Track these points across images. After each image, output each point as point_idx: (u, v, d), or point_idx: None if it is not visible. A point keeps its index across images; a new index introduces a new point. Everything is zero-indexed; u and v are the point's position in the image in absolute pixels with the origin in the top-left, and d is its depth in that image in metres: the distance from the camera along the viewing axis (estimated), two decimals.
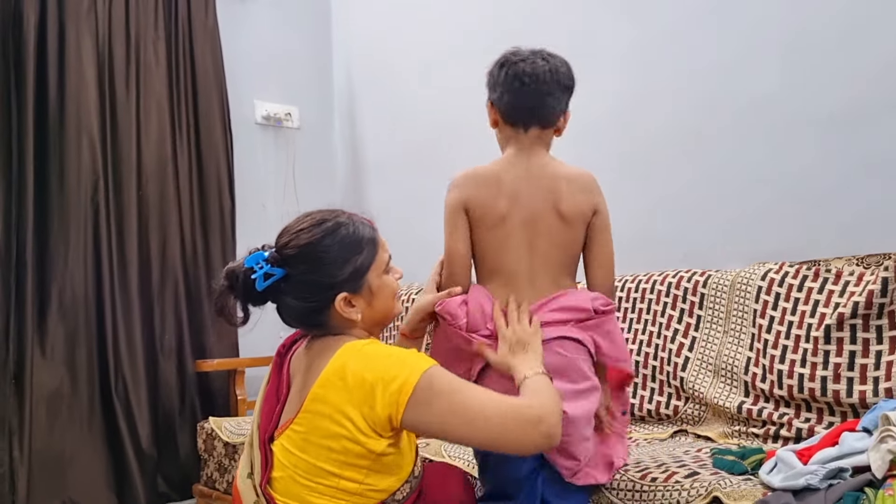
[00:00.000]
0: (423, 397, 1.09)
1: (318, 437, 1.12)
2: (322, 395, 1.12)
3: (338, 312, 1.19)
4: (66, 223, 2.66)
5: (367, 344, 1.17)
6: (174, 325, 2.92)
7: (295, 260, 1.18)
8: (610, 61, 2.46)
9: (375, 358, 1.13)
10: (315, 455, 1.12)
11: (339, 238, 1.19)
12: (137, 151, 2.87)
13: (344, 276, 1.18)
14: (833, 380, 1.66)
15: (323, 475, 1.12)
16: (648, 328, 2.11)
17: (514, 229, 1.45)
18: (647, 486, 1.43)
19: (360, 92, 3.52)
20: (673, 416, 2.00)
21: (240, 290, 1.19)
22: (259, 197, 3.32)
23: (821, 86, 1.97)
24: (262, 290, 1.17)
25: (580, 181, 1.48)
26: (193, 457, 2.79)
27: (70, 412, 2.63)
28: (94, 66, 2.76)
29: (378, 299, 1.23)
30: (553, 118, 1.48)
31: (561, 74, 1.47)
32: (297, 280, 1.18)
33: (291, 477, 1.14)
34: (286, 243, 1.20)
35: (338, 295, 1.18)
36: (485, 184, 1.47)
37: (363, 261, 1.20)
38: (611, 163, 2.45)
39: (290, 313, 1.22)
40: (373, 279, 1.22)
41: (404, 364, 1.11)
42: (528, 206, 1.44)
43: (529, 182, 1.45)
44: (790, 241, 2.01)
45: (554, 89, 1.45)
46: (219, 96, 3.11)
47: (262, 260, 1.17)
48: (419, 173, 3.16)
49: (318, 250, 1.18)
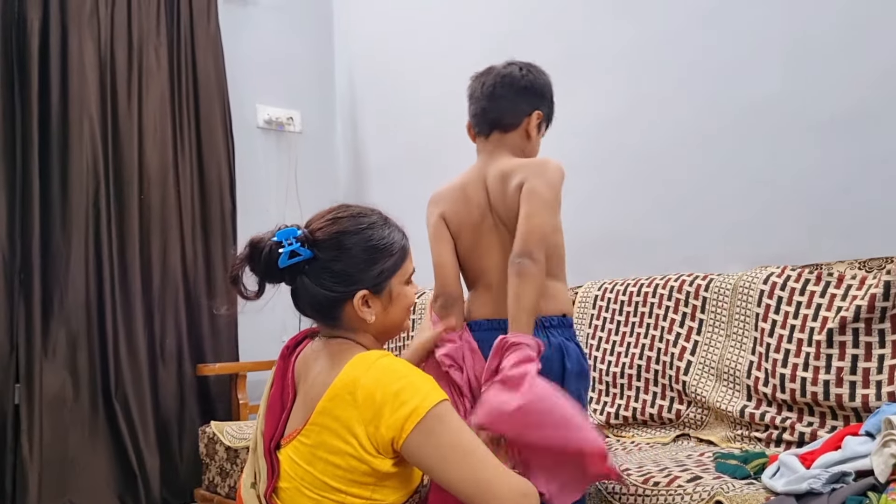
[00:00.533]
0: (429, 428, 1.06)
1: (324, 451, 1.10)
2: (330, 409, 1.09)
3: (353, 309, 1.17)
4: (68, 228, 2.67)
5: (380, 357, 1.13)
6: (175, 329, 2.92)
7: (326, 245, 1.16)
8: (610, 63, 2.46)
9: (389, 377, 1.09)
10: (321, 471, 1.10)
11: (375, 236, 1.18)
12: (139, 156, 2.88)
13: (370, 274, 1.17)
14: (836, 384, 1.66)
15: (329, 490, 1.10)
16: (650, 332, 2.11)
17: (485, 235, 1.48)
18: (650, 491, 1.43)
19: (362, 95, 3.53)
20: (675, 421, 2.00)
21: (261, 262, 1.15)
22: (261, 201, 3.32)
23: (823, 88, 1.97)
24: (283, 266, 1.14)
25: (512, 170, 1.43)
26: (195, 461, 2.79)
27: (72, 416, 2.63)
28: (96, 70, 2.77)
29: (394, 307, 1.22)
30: (510, 120, 1.50)
31: (516, 78, 1.50)
32: (322, 266, 1.15)
33: (298, 489, 1.11)
34: (319, 228, 1.18)
35: (358, 291, 1.16)
36: (455, 198, 1.52)
37: (391, 265, 1.19)
38: (611, 165, 2.45)
39: (307, 299, 1.18)
40: (395, 286, 1.21)
41: (418, 391, 1.08)
42: (482, 212, 1.48)
43: (477, 187, 1.49)
44: (792, 244, 2.00)
45: (507, 93, 1.50)
46: (220, 101, 3.12)
47: (293, 237, 1.15)
48: (421, 177, 3.16)
49: (352, 242, 1.16)
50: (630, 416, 2.08)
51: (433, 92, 3.11)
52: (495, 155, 1.51)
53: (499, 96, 1.50)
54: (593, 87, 2.46)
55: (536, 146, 1.56)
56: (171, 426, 2.88)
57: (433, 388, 1.11)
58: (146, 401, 2.78)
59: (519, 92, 1.50)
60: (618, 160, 2.43)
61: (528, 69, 1.53)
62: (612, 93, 2.45)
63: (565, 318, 1.48)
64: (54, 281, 2.63)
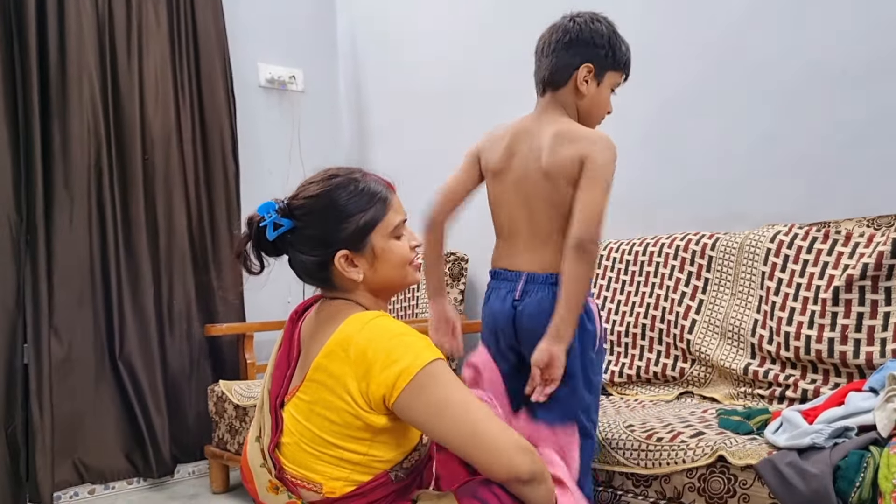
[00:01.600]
0: (420, 385, 1.06)
1: (321, 407, 1.11)
2: (325, 366, 1.11)
3: (340, 271, 1.17)
4: (70, 189, 2.65)
5: (375, 317, 1.13)
6: (181, 289, 2.93)
7: (301, 211, 1.17)
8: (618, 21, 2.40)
9: (381, 335, 1.10)
10: (319, 426, 1.11)
11: (347, 193, 1.17)
12: (141, 116, 2.85)
13: (346, 232, 1.16)
14: (840, 341, 1.66)
15: (327, 446, 1.12)
16: (655, 291, 2.11)
17: (508, 187, 1.47)
18: (653, 446, 1.44)
19: (365, 54, 3.47)
20: (679, 378, 2.01)
21: (253, 238, 1.19)
22: (263, 161, 3.30)
23: (831, 44, 1.93)
24: (272, 239, 1.17)
25: (570, 135, 1.41)
26: (203, 420, 2.83)
27: (78, 376, 2.66)
28: (94, 29, 2.73)
29: (382, 263, 1.19)
30: (558, 77, 1.46)
31: (564, 32, 1.45)
32: (301, 232, 1.17)
33: (298, 444, 1.14)
34: (296, 195, 1.20)
35: (338, 251, 1.16)
36: (495, 137, 1.51)
37: (368, 219, 1.17)
38: (617, 124, 2.41)
39: (299, 266, 1.21)
40: (377, 240, 1.18)
41: (409, 349, 1.08)
42: (521, 165, 1.45)
43: (527, 141, 1.46)
44: (800, 202, 1.99)
45: (555, 48, 1.45)
46: (221, 59, 3.07)
47: (273, 210, 1.17)
48: (425, 136, 3.14)
49: (323, 203, 1.16)
50: (634, 374, 2.10)
51: (437, 48, 3.06)
52: (548, 112, 1.47)
53: (548, 53, 1.46)
54: None
55: (597, 102, 1.48)
56: (179, 386, 2.91)
57: (426, 347, 1.10)
58: (154, 361, 2.80)
59: (565, 46, 1.44)
60: (624, 120, 2.39)
61: (576, 19, 1.46)
62: None
63: None
64: (59, 243, 2.63)
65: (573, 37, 1.44)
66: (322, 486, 1.12)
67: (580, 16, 1.47)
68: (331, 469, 1.12)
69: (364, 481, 1.13)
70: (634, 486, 1.47)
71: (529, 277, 1.44)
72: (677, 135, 2.28)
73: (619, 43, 1.48)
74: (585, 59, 1.44)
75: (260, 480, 1.18)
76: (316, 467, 1.12)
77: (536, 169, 1.42)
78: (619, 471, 1.49)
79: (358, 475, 1.12)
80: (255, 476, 1.19)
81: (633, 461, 1.46)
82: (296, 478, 1.14)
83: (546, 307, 1.39)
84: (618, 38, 1.48)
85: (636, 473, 1.46)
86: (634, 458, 1.46)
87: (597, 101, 1.48)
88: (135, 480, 2.76)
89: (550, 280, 1.42)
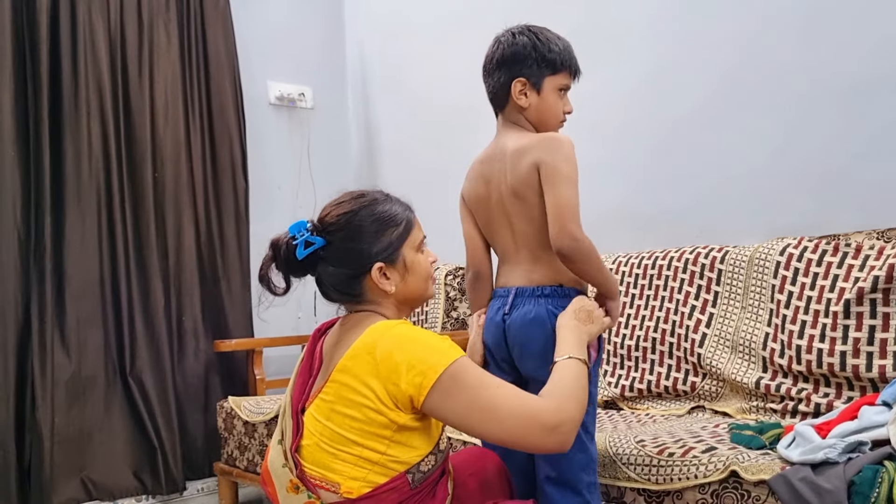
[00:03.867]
0: (446, 386, 1.12)
1: (342, 406, 1.15)
2: (349, 367, 1.16)
3: (373, 283, 1.24)
4: (81, 207, 2.68)
5: (398, 324, 1.20)
6: (190, 306, 2.94)
7: (334, 228, 1.24)
8: (628, 33, 2.43)
9: (406, 339, 1.16)
10: (339, 424, 1.15)
11: (377, 211, 1.25)
12: (151, 134, 2.88)
13: (381, 246, 1.24)
14: (852, 354, 1.65)
15: (346, 444, 1.15)
16: (665, 305, 2.10)
17: (493, 211, 1.51)
18: (665, 461, 1.43)
19: (374, 71, 3.50)
20: (690, 393, 2.00)
21: (282, 259, 1.24)
22: (273, 178, 3.32)
23: (840, 56, 1.93)
24: (302, 258, 1.22)
25: (523, 149, 1.42)
26: (212, 437, 2.83)
27: (87, 393, 2.67)
28: (105, 48, 2.77)
29: (412, 275, 1.27)
30: (499, 98, 1.49)
31: (491, 57, 1.49)
32: (336, 247, 1.24)
33: (317, 444, 1.17)
34: (326, 214, 1.27)
35: (374, 264, 1.23)
36: (470, 174, 1.57)
37: (399, 234, 1.26)
38: (627, 136, 2.43)
39: (330, 281, 1.26)
40: (407, 254, 1.27)
41: (434, 350, 1.14)
42: (497, 188, 1.49)
43: (492, 165, 1.50)
44: (809, 215, 1.98)
45: (490, 71, 1.50)
46: (231, 77, 3.11)
47: (304, 228, 1.23)
48: (435, 153, 3.15)
49: (357, 220, 1.24)
50: (645, 388, 2.09)
51: (445, 66, 3.09)
52: (505, 131, 1.52)
53: (486, 78, 1.52)
54: (610, 58, 2.42)
55: (543, 109, 1.48)
56: (188, 402, 2.92)
57: (449, 347, 1.16)
58: (164, 377, 2.81)
59: (496, 67, 1.48)
60: (633, 131, 2.41)
61: (500, 40, 1.49)
62: (628, 64, 2.42)
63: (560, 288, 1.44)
64: (70, 259, 2.65)
65: (499, 57, 1.48)
66: (340, 486, 1.15)
67: (503, 35, 1.50)
68: (349, 468, 1.15)
69: (381, 483, 1.15)
70: (647, 501, 1.45)
71: (518, 291, 1.45)
72: (686, 148, 2.28)
73: (546, 48, 1.46)
74: (514, 75, 1.46)
75: (280, 481, 1.20)
76: (335, 466, 1.15)
77: (506, 189, 1.46)
78: (630, 486, 1.48)
79: (375, 475, 1.15)
80: (276, 477, 1.21)
81: (644, 477, 1.45)
82: (314, 478, 1.17)
83: (532, 318, 1.40)
84: (543, 44, 1.46)
85: (647, 489, 1.45)
86: (645, 473, 1.45)
87: (543, 109, 1.47)
88: (143, 497, 2.75)
89: (538, 293, 1.43)
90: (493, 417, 1.12)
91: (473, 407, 1.12)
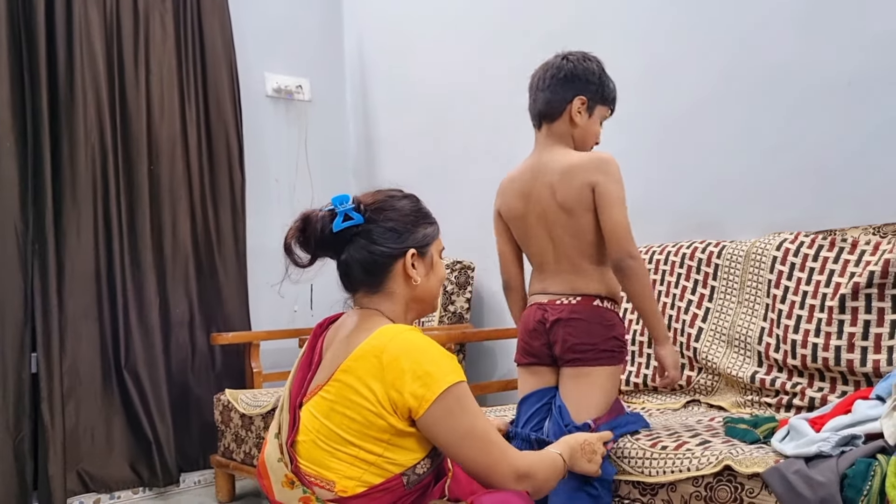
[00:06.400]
0: (450, 405, 1.13)
1: (342, 406, 1.15)
2: (354, 369, 1.15)
3: (402, 269, 1.24)
4: (76, 199, 2.67)
5: (408, 330, 1.19)
6: (187, 299, 2.94)
7: (376, 208, 1.25)
8: (624, 30, 2.42)
9: (415, 348, 1.16)
10: (338, 424, 1.15)
11: (416, 205, 1.30)
12: (147, 126, 2.87)
13: (419, 235, 1.26)
14: (847, 349, 1.65)
15: (343, 444, 1.15)
16: (662, 299, 2.11)
17: (532, 225, 1.62)
18: (658, 454, 1.44)
19: (372, 63, 3.49)
20: (686, 387, 2.00)
21: (314, 231, 1.23)
22: (270, 170, 3.31)
23: (838, 53, 1.93)
24: (337, 231, 1.22)
25: (576, 168, 1.54)
26: (209, 430, 2.83)
27: (83, 386, 2.66)
28: (101, 39, 2.76)
29: (434, 274, 1.30)
30: (554, 109, 1.60)
31: (558, 68, 1.60)
32: (375, 227, 1.24)
33: (314, 441, 1.17)
34: (366, 197, 1.28)
35: (410, 249, 1.25)
36: (508, 190, 1.68)
37: (432, 232, 1.30)
38: (625, 132, 2.42)
39: (360, 258, 1.24)
40: (434, 253, 1.30)
41: (441, 366, 1.15)
42: (538, 202, 1.60)
43: (535, 179, 1.61)
44: (806, 210, 1.98)
45: (550, 84, 1.60)
46: (228, 69, 3.09)
47: (347, 202, 1.24)
48: (433, 147, 3.15)
49: (400, 204, 1.28)
50: (641, 382, 2.09)
51: (444, 59, 3.08)
52: (548, 146, 1.61)
53: (543, 88, 1.61)
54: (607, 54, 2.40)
55: (589, 132, 1.62)
56: (184, 395, 2.92)
57: (455, 368, 1.17)
58: (159, 371, 2.81)
59: (560, 81, 1.59)
60: (633, 127, 2.40)
61: (569, 58, 1.61)
62: (626, 60, 2.41)
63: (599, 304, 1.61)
64: (66, 253, 2.65)
65: (567, 73, 1.59)
66: (335, 485, 1.15)
67: (573, 54, 1.62)
68: (345, 467, 1.15)
69: (376, 483, 1.15)
70: (641, 494, 1.46)
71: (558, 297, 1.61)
72: (683, 144, 2.28)
73: (608, 80, 1.63)
74: (579, 92, 1.59)
75: (276, 475, 1.20)
76: (330, 464, 1.16)
77: (553, 204, 1.57)
78: (624, 479, 1.48)
79: (370, 476, 1.15)
80: (272, 471, 1.21)
81: (638, 469, 1.45)
82: (309, 475, 1.17)
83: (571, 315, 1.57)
84: (606, 76, 1.63)
85: (642, 482, 1.45)
86: (639, 466, 1.45)
87: (589, 131, 1.62)
88: (140, 490, 2.76)
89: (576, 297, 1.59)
90: (482, 447, 1.15)
91: (471, 433, 1.14)
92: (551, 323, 1.59)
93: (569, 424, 1.50)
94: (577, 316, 1.57)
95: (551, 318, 1.59)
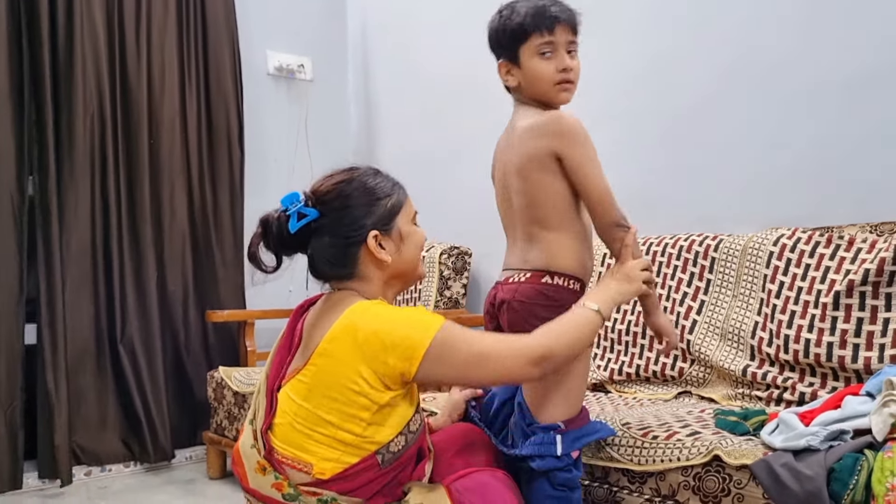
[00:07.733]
0: (437, 354, 1.14)
1: (322, 388, 1.15)
2: (330, 350, 1.15)
3: (369, 253, 1.23)
4: (74, 173, 2.66)
5: (375, 304, 1.20)
6: (183, 276, 2.94)
7: (328, 198, 1.24)
8: (625, 24, 2.41)
9: (386, 318, 1.17)
10: (317, 405, 1.15)
11: (373, 179, 1.27)
12: (148, 102, 2.85)
13: (377, 214, 1.24)
14: (839, 346, 1.66)
15: (322, 424, 1.15)
16: (657, 291, 2.11)
17: (498, 192, 1.53)
18: (648, 444, 1.45)
19: (375, 43, 3.47)
20: (678, 378, 2.01)
21: (273, 235, 1.23)
22: (269, 149, 3.30)
23: (837, 50, 1.92)
24: (294, 231, 1.21)
25: (528, 132, 1.40)
26: (201, 407, 2.84)
27: (77, 359, 2.67)
28: (103, 14, 2.73)
29: (407, 246, 1.28)
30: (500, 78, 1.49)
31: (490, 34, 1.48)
32: (331, 219, 1.23)
33: (291, 424, 1.17)
34: (319, 186, 1.27)
35: (370, 232, 1.23)
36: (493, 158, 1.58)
37: (394, 202, 1.27)
38: (624, 125, 2.42)
39: (324, 254, 1.24)
40: (402, 223, 1.27)
41: (416, 325, 1.15)
42: (502, 168, 1.50)
43: (503, 144, 1.52)
44: (804, 206, 1.99)
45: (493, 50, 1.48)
46: (230, 46, 3.07)
47: (297, 200, 1.22)
48: (436, 130, 3.14)
49: (354, 187, 1.25)
50: (633, 372, 2.10)
51: (447, 41, 3.06)
52: (516, 109, 1.51)
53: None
54: (607, 47, 2.41)
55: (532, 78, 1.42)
56: (178, 372, 2.92)
57: (429, 320, 1.17)
58: (154, 346, 2.81)
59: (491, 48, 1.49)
60: (632, 120, 2.40)
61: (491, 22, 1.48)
62: (627, 54, 2.41)
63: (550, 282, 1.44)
64: (64, 226, 2.64)
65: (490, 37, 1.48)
66: (313, 467, 1.15)
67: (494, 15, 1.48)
68: (323, 449, 1.15)
69: (353, 462, 1.16)
70: (630, 482, 1.47)
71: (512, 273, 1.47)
72: (683, 138, 2.28)
73: (508, 19, 1.43)
74: (497, 59, 1.48)
75: (249, 462, 1.21)
76: (308, 447, 1.16)
77: (512, 166, 1.45)
78: (614, 467, 1.49)
79: (348, 456, 1.16)
80: (245, 458, 1.21)
81: (628, 458, 1.46)
82: (286, 458, 1.17)
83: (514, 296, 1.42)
84: (504, 17, 1.44)
85: (631, 470, 1.46)
86: (629, 454, 1.47)
87: (530, 80, 1.42)
88: (131, 464, 2.77)
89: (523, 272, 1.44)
90: (485, 365, 1.17)
91: (467, 364, 1.16)
92: (498, 305, 1.46)
93: (531, 424, 1.38)
94: (520, 298, 1.40)
95: (499, 299, 1.45)
